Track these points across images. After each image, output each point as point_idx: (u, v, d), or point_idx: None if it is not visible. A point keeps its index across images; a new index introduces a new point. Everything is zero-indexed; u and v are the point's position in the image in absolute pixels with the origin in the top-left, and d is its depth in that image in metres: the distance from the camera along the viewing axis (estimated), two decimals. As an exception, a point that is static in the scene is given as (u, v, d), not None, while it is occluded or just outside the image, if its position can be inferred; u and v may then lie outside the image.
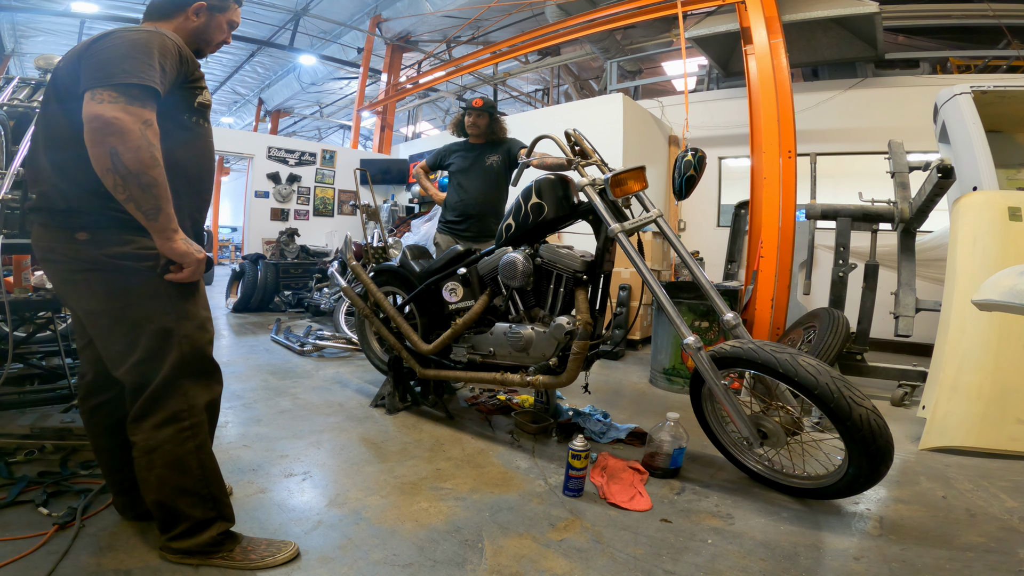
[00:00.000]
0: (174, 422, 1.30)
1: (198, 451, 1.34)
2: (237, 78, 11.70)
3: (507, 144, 3.17)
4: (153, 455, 1.29)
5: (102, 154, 1.11)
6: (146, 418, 1.29)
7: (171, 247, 1.23)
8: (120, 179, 1.12)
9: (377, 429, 2.41)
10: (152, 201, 1.16)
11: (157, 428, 1.29)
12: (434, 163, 3.37)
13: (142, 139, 1.12)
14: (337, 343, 3.93)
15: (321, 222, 8.40)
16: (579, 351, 2.01)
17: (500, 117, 3.17)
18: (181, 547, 1.33)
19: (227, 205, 15.42)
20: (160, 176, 1.16)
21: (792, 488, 1.84)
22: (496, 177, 3.15)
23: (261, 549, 1.38)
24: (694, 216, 6.24)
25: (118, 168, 1.11)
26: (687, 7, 4.73)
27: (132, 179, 1.12)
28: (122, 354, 1.29)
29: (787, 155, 3.68)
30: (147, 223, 1.19)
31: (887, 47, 5.40)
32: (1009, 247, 2.52)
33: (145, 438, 1.29)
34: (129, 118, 1.11)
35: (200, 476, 1.34)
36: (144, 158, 1.13)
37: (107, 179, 1.13)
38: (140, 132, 1.12)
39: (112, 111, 1.10)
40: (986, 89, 3.12)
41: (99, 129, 1.10)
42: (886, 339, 3.75)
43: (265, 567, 1.34)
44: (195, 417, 1.33)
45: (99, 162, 1.12)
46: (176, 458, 1.30)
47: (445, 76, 8.13)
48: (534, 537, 1.55)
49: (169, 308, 1.31)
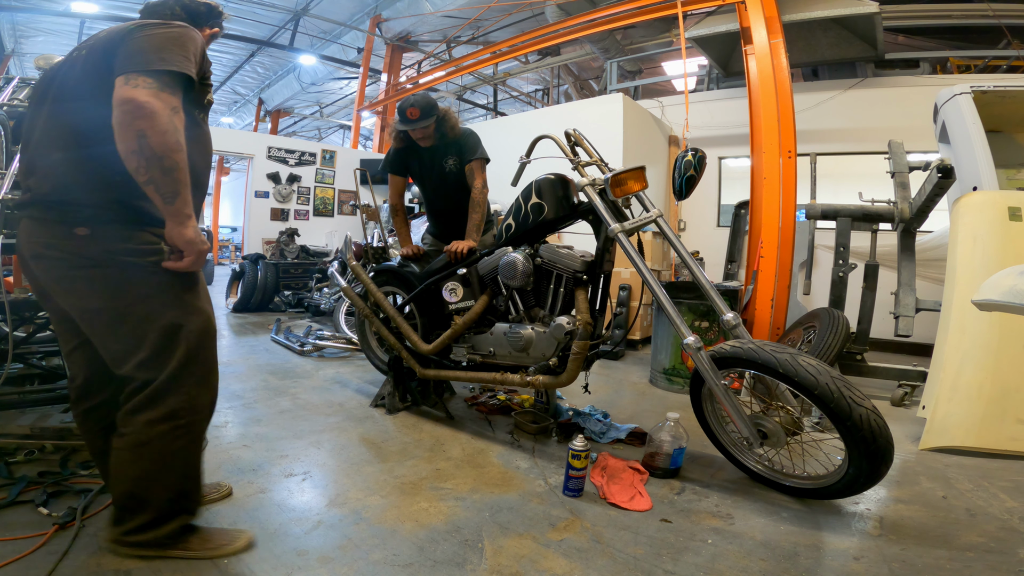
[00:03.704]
0: (171, 419, 1.29)
1: (187, 448, 1.34)
2: (237, 78, 11.70)
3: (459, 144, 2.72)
4: (143, 449, 1.28)
5: (129, 136, 1.13)
6: (142, 412, 1.28)
7: (182, 232, 1.24)
8: (144, 161, 1.14)
9: (377, 429, 2.41)
10: (172, 185, 1.19)
11: (152, 424, 1.28)
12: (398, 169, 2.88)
13: (169, 124, 1.16)
14: (337, 343, 3.93)
15: (321, 222, 8.40)
16: (579, 351, 2.01)
17: (445, 113, 2.67)
18: (138, 540, 1.31)
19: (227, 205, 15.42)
20: (182, 161, 1.19)
21: (792, 488, 1.84)
22: (456, 180, 2.76)
23: (217, 538, 1.40)
24: (694, 216, 6.24)
25: (144, 150, 1.14)
26: (687, 7, 4.73)
27: (156, 162, 1.15)
28: (127, 352, 1.28)
29: (787, 155, 3.68)
30: (164, 206, 1.20)
31: (887, 47, 5.40)
32: (1009, 247, 2.52)
33: (137, 432, 1.28)
34: (159, 103, 1.15)
35: (182, 473, 1.34)
36: (170, 142, 1.16)
37: (130, 161, 1.15)
38: (168, 117, 1.16)
39: (145, 95, 1.14)
40: (986, 89, 3.12)
41: (130, 112, 1.12)
42: (886, 339, 3.75)
43: (224, 554, 1.37)
44: (193, 415, 1.33)
45: (125, 144, 1.14)
46: (164, 454, 1.30)
47: (445, 76, 8.13)
48: (534, 537, 1.55)
49: (176, 303, 1.31)
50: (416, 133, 2.64)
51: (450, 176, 2.76)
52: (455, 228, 2.83)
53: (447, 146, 2.73)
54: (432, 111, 2.57)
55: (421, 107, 2.54)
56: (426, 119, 2.55)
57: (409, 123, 2.57)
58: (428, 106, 2.56)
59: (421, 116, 2.55)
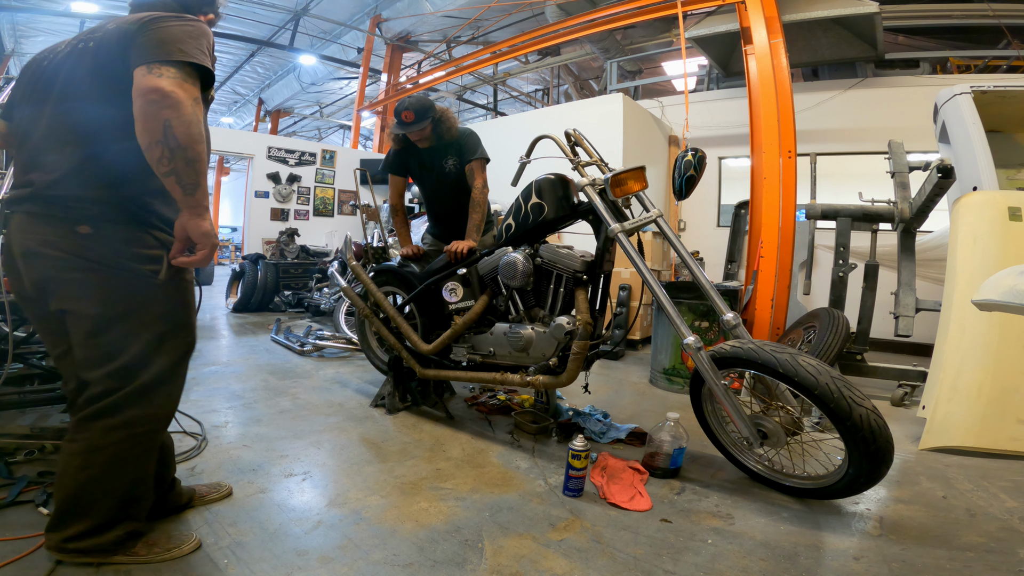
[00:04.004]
0: (129, 427, 1.26)
1: (142, 456, 1.31)
2: (237, 78, 11.70)
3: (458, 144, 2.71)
4: (94, 455, 1.24)
5: (155, 126, 1.11)
6: (100, 419, 1.24)
7: (198, 223, 1.21)
8: (168, 151, 1.13)
9: (377, 429, 2.41)
10: (193, 176, 1.17)
11: (109, 431, 1.24)
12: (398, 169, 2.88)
13: (194, 114, 1.15)
14: (337, 343, 3.93)
15: (321, 222, 8.40)
16: (579, 351, 2.01)
17: (441, 114, 2.66)
18: (79, 547, 1.27)
19: (227, 205, 15.43)
20: (203, 152, 1.18)
21: (792, 488, 1.84)
22: (456, 180, 2.75)
23: (163, 542, 1.38)
24: (694, 216, 6.24)
25: (168, 140, 1.12)
26: (687, 7, 4.73)
27: (180, 152, 1.13)
28: (102, 359, 1.24)
29: (787, 155, 3.69)
30: (183, 197, 1.18)
31: (887, 47, 5.40)
32: (1009, 247, 2.52)
33: (92, 438, 1.24)
34: (184, 93, 1.14)
35: (133, 479, 1.31)
36: (194, 132, 1.15)
37: (153, 151, 1.13)
38: (192, 107, 1.15)
39: (170, 85, 1.12)
40: (986, 89, 3.12)
41: (156, 101, 1.11)
42: (886, 339, 3.75)
43: (171, 558, 1.34)
44: (153, 424, 1.31)
45: (150, 134, 1.12)
46: (117, 461, 1.27)
47: (445, 76, 8.13)
48: (534, 537, 1.55)
49: (167, 318, 1.29)
50: (412, 136, 2.63)
51: (450, 176, 2.75)
52: (455, 228, 2.83)
53: (447, 146, 2.71)
54: (427, 114, 2.55)
55: (415, 111, 2.52)
56: (420, 122, 2.54)
57: (404, 127, 2.56)
58: (423, 109, 2.54)
59: (416, 120, 2.53)
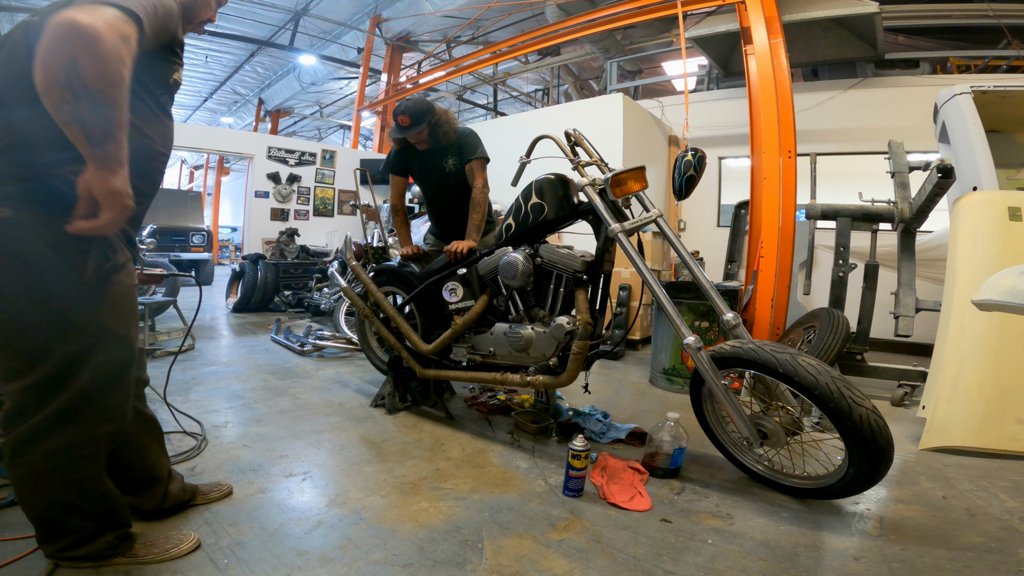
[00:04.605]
0: (70, 451, 1.15)
1: (95, 476, 1.23)
2: (237, 78, 11.70)
3: (458, 144, 2.71)
4: (43, 480, 1.15)
5: (56, 64, 0.90)
6: (36, 443, 1.13)
7: (109, 179, 0.98)
8: (70, 94, 0.92)
9: (377, 429, 2.41)
10: (104, 126, 0.96)
11: (49, 455, 1.14)
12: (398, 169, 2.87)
13: (113, 51, 0.93)
14: (337, 343, 3.93)
15: (321, 222, 8.40)
16: (579, 351, 2.01)
17: (440, 116, 2.63)
18: (74, 555, 1.24)
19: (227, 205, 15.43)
20: (122, 100, 0.97)
21: (792, 488, 1.84)
22: (456, 180, 2.74)
23: (162, 543, 1.36)
24: (694, 216, 6.24)
25: (72, 81, 0.91)
26: (687, 7, 4.73)
27: (86, 97, 0.92)
28: (18, 371, 1.10)
29: (787, 155, 3.69)
30: (90, 151, 0.96)
31: (887, 47, 5.40)
32: (1009, 247, 2.52)
33: (34, 463, 1.14)
34: (107, 27, 0.93)
35: (98, 496, 1.24)
36: (109, 73, 0.93)
37: (52, 94, 0.92)
38: (113, 44, 0.93)
39: (88, 17, 0.91)
40: (986, 89, 3.12)
41: (62, 35, 0.90)
42: (886, 339, 3.75)
43: (170, 558, 1.34)
44: (92, 448, 1.19)
45: (49, 73, 0.91)
46: (70, 483, 1.18)
47: (445, 76, 8.13)
48: (534, 537, 1.55)
49: (95, 326, 1.13)
50: (411, 138, 2.64)
51: (450, 176, 2.75)
52: (456, 228, 2.83)
53: (447, 146, 2.71)
54: (423, 117, 2.54)
55: (411, 114, 2.52)
56: (416, 126, 2.53)
57: (401, 130, 2.57)
58: (419, 112, 2.53)
59: (411, 124, 2.53)
